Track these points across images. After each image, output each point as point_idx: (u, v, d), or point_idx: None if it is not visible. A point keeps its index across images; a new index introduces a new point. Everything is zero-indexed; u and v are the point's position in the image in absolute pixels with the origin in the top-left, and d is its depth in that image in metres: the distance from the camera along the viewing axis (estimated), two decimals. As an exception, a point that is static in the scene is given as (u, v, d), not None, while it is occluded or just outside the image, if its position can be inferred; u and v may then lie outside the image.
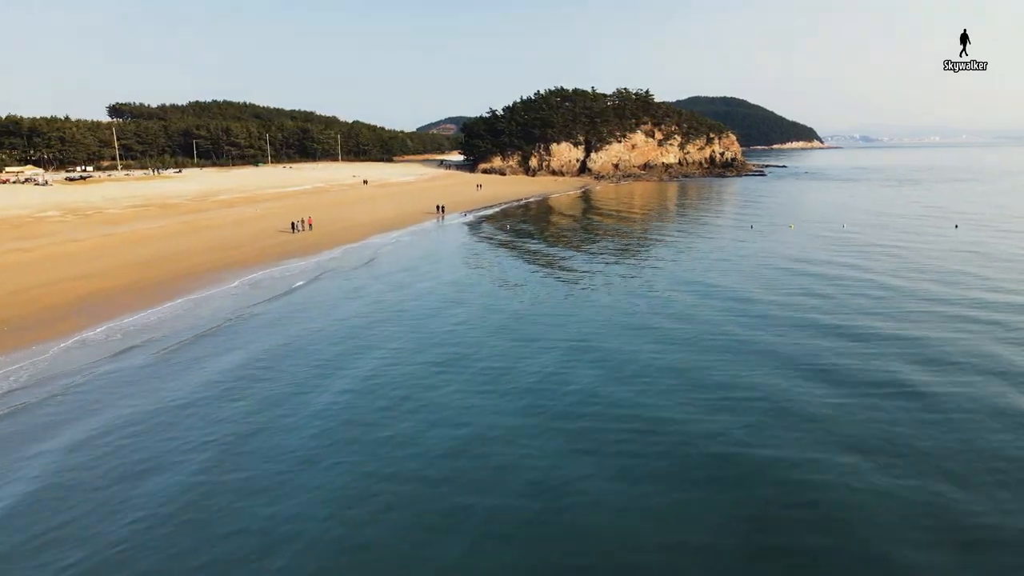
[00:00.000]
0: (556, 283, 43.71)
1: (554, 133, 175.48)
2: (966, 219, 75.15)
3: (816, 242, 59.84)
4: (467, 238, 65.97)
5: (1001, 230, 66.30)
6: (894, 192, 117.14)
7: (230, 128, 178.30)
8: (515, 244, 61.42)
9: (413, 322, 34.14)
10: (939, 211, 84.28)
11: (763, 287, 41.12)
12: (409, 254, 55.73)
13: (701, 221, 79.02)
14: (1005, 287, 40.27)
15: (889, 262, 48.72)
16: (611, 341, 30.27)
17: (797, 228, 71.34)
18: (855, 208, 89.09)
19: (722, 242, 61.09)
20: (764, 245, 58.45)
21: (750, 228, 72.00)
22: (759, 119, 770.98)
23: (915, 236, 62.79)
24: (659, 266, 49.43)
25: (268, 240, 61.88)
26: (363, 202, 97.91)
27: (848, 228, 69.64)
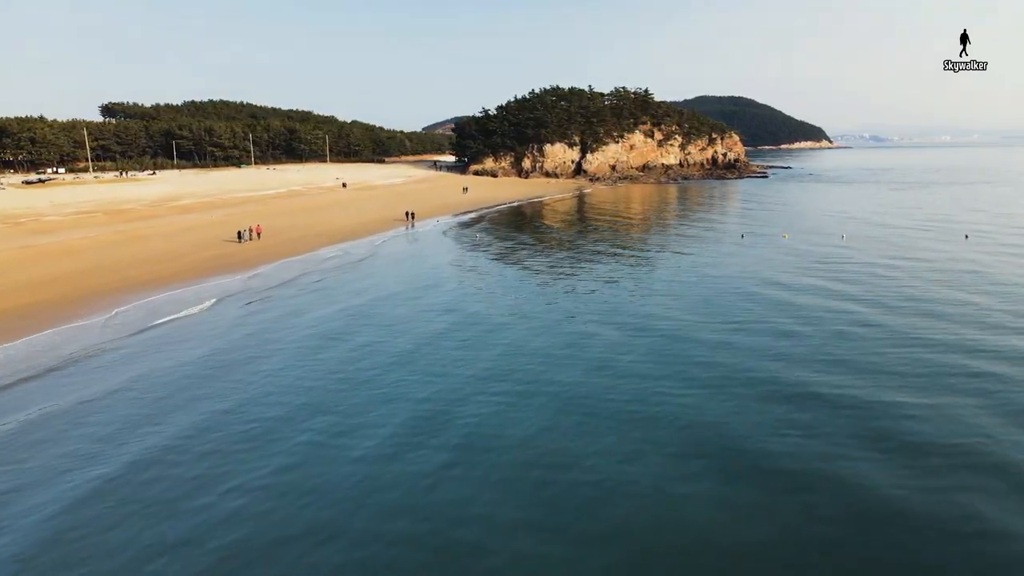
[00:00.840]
0: (497, 318, 37.81)
1: (548, 133, 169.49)
2: (977, 228, 68.80)
3: (807, 257, 53.67)
4: (428, 251, 60.12)
5: (1014, 244, 59.87)
6: (901, 196, 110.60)
7: (213, 128, 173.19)
8: (475, 264, 55.57)
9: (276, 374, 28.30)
10: (948, 218, 77.84)
11: (718, 322, 33.74)
12: (350, 273, 49.94)
13: (689, 230, 72.99)
14: (1013, 325, 33.61)
15: (886, 288, 41.99)
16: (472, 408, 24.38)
17: (791, 239, 65.20)
18: (857, 215, 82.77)
19: (702, 257, 55.01)
20: (747, 260, 52.32)
21: (740, 238, 65.99)
22: (767, 119, 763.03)
23: (919, 251, 56.48)
24: (609, 287, 43.41)
25: (206, 252, 56.38)
26: (333, 207, 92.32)
27: (847, 240, 63.43)
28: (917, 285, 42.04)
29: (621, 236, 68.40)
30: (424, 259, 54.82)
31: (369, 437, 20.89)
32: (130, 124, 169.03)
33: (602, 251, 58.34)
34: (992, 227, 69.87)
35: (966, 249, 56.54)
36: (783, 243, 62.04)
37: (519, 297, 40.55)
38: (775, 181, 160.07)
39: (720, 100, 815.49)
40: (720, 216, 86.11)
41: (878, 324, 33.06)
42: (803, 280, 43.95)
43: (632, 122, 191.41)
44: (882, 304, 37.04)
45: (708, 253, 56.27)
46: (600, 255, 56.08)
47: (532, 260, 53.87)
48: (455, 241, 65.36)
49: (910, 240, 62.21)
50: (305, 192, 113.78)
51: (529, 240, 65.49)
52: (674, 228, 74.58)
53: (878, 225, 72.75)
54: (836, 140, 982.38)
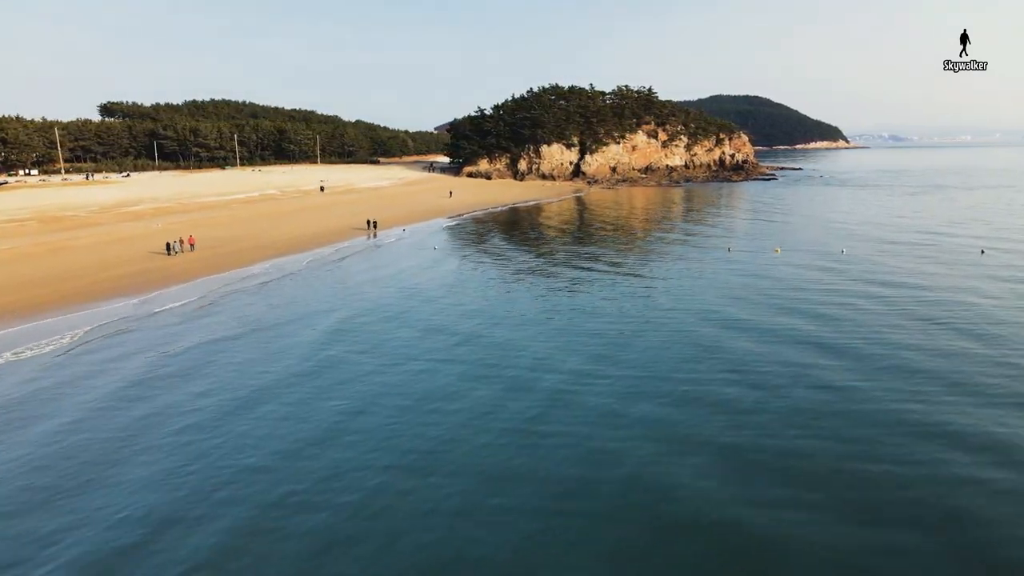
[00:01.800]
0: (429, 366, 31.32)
1: (545, 134, 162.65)
2: (996, 241, 61.40)
3: (795, 279, 46.69)
4: (369, 269, 53.69)
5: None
6: (914, 202, 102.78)
7: (198, 129, 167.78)
8: (413, 287, 49.13)
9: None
10: (963, 228, 70.32)
11: (648, 393, 25.41)
12: (253, 296, 43.63)
13: (673, 242, 66.16)
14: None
15: (876, 332, 34.47)
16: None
17: (784, 253, 58.32)
18: (864, 225, 75.44)
19: (674, 279, 48.19)
20: (720, 286, 45.36)
21: (727, 252, 59.16)
22: (782, 118, 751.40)
23: (925, 273, 49.25)
24: (547, 332, 36.79)
25: (124, 268, 50.48)
26: (299, 213, 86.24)
27: (847, 255, 56.44)
28: (914, 328, 34.77)
29: (593, 250, 61.61)
30: (356, 280, 48.37)
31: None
32: (113, 124, 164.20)
33: (560, 273, 51.63)
34: (1013, 241, 62.35)
35: (981, 270, 49.27)
36: (773, 259, 55.14)
37: (444, 338, 34.03)
38: (783, 184, 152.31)
39: (735, 99, 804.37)
40: (712, 225, 79.10)
41: (852, 393, 25.51)
42: (774, 320, 36.54)
43: (635, 122, 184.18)
44: (865, 359, 29.14)
45: (683, 275, 49.36)
46: (558, 278, 49.37)
47: (478, 280, 47.30)
48: (410, 255, 58.87)
49: (918, 257, 54.97)
50: (279, 196, 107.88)
51: (487, 254, 58.85)
52: (658, 240, 67.74)
53: (884, 237, 65.37)
54: (854, 140, 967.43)
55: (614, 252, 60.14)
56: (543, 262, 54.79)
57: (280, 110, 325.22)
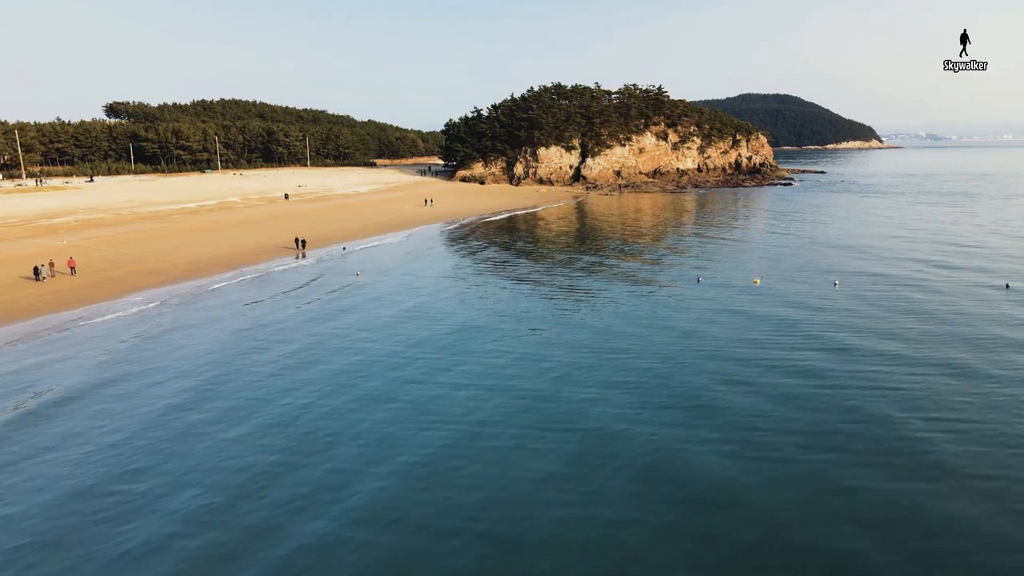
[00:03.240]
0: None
1: (542, 136, 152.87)
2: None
3: (760, 328, 36.70)
4: (268, 304, 44.83)
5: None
6: (937, 214, 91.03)
7: (180, 130, 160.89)
8: (279, 330, 40.18)
9: None
10: (988, 253, 59.19)
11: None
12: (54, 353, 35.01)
13: (643, 265, 56.44)
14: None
15: (856, 426, 25.25)
16: None
17: (765, 284, 48.41)
18: (871, 245, 64.57)
19: (618, 321, 38.49)
20: (668, 339, 35.58)
21: (697, 282, 49.32)
22: (812, 117, 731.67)
23: (933, 319, 38.90)
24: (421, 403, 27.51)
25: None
26: (237, 227, 78.08)
27: (840, 290, 46.34)
28: (912, 414, 24.95)
29: (539, 278, 52.02)
30: (220, 328, 39.48)
31: None
32: (93, 125, 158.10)
33: (485, 309, 42.18)
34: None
35: (1003, 312, 38.80)
36: (748, 293, 45.31)
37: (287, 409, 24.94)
38: (798, 190, 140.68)
39: (764, 98, 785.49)
40: (697, 243, 68.99)
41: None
42: (721, 399, 27.08)
43: (642, 122, 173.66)
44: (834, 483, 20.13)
45: (628, 315, 39.59)
46: (478, 314, 39.95)
47: (361, 330, 38.11)
48: (321, 286, 49.91)
49: (926, 292, 44.55)
50: (238, 205, 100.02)
51: (422, 278, 49.56)
52: (625, 262, 57.92)
53: (889, 265, 54.62)
54: (889, 139, 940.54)
55: (578, 281, 50.49)
56: (488, 300, 45.43)
57: (290, 109, 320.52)
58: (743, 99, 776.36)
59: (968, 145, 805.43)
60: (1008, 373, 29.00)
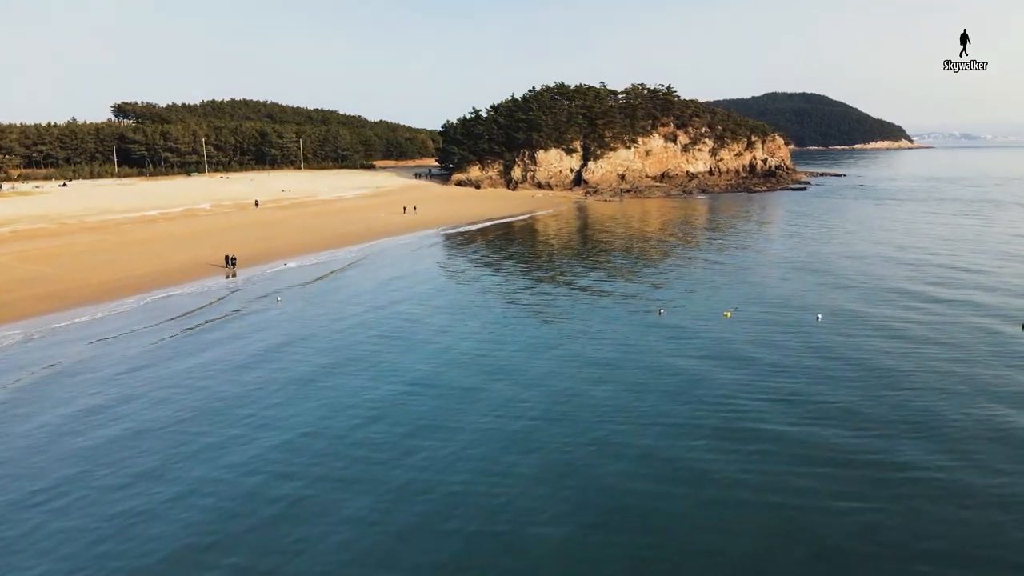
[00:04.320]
0: None
1: (541, 138, 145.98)
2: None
3: (717, 383, 29.86)
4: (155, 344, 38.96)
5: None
6: (956, 226, 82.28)
7: (168, 132, 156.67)
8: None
9: None
10: (1005, 281, 51.17)
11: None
12: None
13: (604, 289, 49.74)
14: None
15: (838, 506, 18.61)
16: None
17: (737, 317, 41.57)
18: (866, 270, 56.73)
19: (543, 375, 31.91)
20: (601, 388, 29.00)
21: (658, 315, 42.51)
22: (840, 117, 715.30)
23: (929, 365, 31.77)
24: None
25: None
26: (184, 239, 72.70)
27: (821, 325, 39.37)
28: (895, 505, 18.13)
29: (489, 310, 45.52)
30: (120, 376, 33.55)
31: None
32: (79, 127, 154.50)
33: (439, 338, 35.77)
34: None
35: (1018, 366, 31.50)
36: (713, 329, 38.64)
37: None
38: (811, 196, 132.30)
39: (791, 97, 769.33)
40: (673, 263, 61.97)
41: None
42: (629, 493, 20.51)
43: (650, 124, 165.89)
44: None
45: (558, 366, 32.93)
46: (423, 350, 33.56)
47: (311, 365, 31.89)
48: (212, 312, 43.93)
49: (925, 330, 37.33)
50: (205, 212, 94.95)
51: (350, 305, 43.28)
52: (579, 291, 51.14)
53: (884, 296, 46.89)
54: (921, 139, 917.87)
55: (485, 309, 43.93)
56: (401, 341, 39.05)
57: (300, 110, 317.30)
58: (768, 98, 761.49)
59: (1003, 145, 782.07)
60: (1010, 449, 21.93)
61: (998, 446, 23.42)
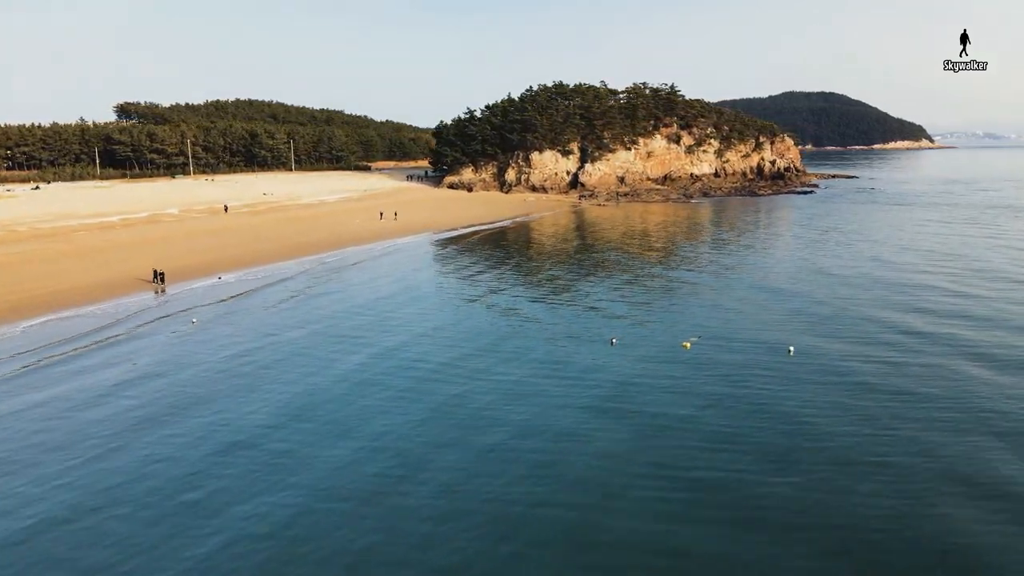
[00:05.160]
0: None
1: (536, 139, 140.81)
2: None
3: (661, 433, 24.73)
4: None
5: None
6: (964, 241, 75.04)
7: (154, 133, 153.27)
8: None
9: None
10: (1010, 307, 45.08)
11: None
12: None
13: (549, 319, 44.71)
14: None
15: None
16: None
17: (699, 347, 36.57)
18: (855, 292, 50.70)
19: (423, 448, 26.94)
20: (533, 437, 24.00)
21: (609, 345, 37.45)
22: (858, 116, 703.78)
23: (928, 423, 26.44)
24: None
25: None
26: (132, 248, 68.53)
27: (794, 359, 34.25)
28: None
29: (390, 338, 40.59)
30: None
31: None
32: (64, 128, 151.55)
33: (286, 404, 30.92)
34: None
35: (1017, 414, 26.14)
36: (668, 365, 33.54)
37: None
38: (816, 201, 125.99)
39: (809, 96, 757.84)
40: (646, 279, 56.67)
41: None
42: None
43: (652, 124, 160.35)
44: None
45: (480, 413, 27.93)
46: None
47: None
48: (94, 336, 39.41)
49: (914, 364, 31.87)
50: (171, 218, 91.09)
51: (276, 331, 38.52)
52: (527, 315, 46.09)
53: (869, 325, 41.09)
54: (943, 138, 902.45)
55: (413, 341, 38.97)
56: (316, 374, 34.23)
57: (304, 110, 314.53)
58: (786, 97, 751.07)
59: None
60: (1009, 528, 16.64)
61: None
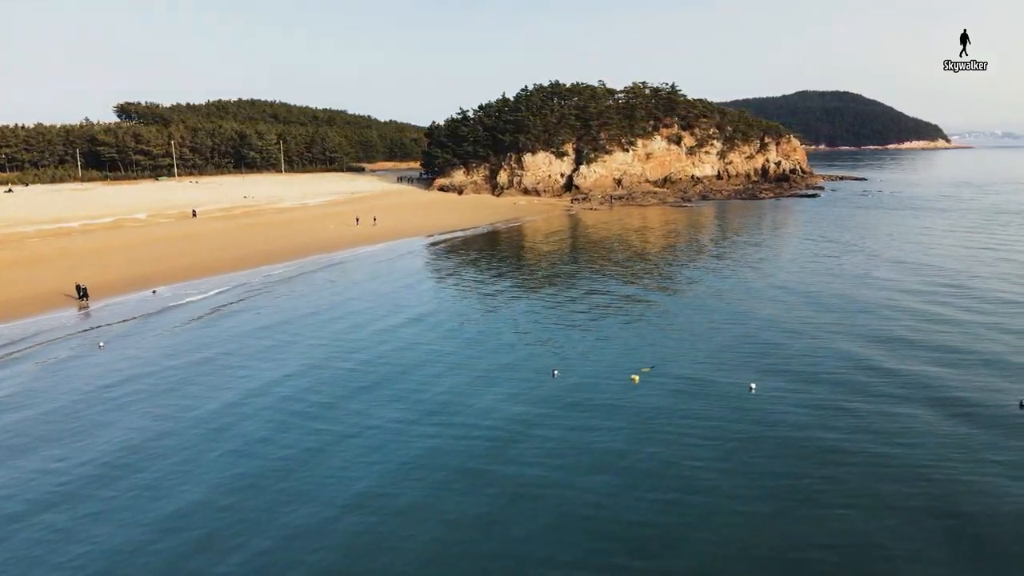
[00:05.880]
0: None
1: (528, 141, 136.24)
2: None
3: (587, 495, 20.31)
4: None
5: None
6: (965, 253, 69.44)
7: (140, 134, 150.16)
8: None
9: None
10: (1004, 340, 39.64)
11: None
12: None
13: (503, 342, 40.32)
14: None
15: None
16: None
17: (651, 379, 32.34)
18: (844, 316, 45.72)
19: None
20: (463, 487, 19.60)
21: (551, 377, 33.11)
22: (873, 115, 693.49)
23: (884, 474, 21.88)
24: None
25: None
26: (81, 256, 64.95)
27: (755, 397, 29.92)
28: None
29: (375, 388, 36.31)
30: None
31: None
32: (48, 130, 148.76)
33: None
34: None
35: (1002, 463, 21.57)
36: (611, 402, 29.24)
37: None
38: (818, 205, 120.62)
39: (823, 96, 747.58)
40: (608, 296, 52.13)
41: None
42: None
43: (651, 124, 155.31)
44: None
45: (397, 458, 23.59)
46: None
47: None
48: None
49: (891, 404, 27.18)
50: (136, 223, 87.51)
51: (200, 363, 34.50)
52: (475, 335, 41.74)
53: (844, 361, 36.16)
54: (961, 138, 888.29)
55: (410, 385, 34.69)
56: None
57: (307, 109, 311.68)
58: (799, 96, 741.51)
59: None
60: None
61: None
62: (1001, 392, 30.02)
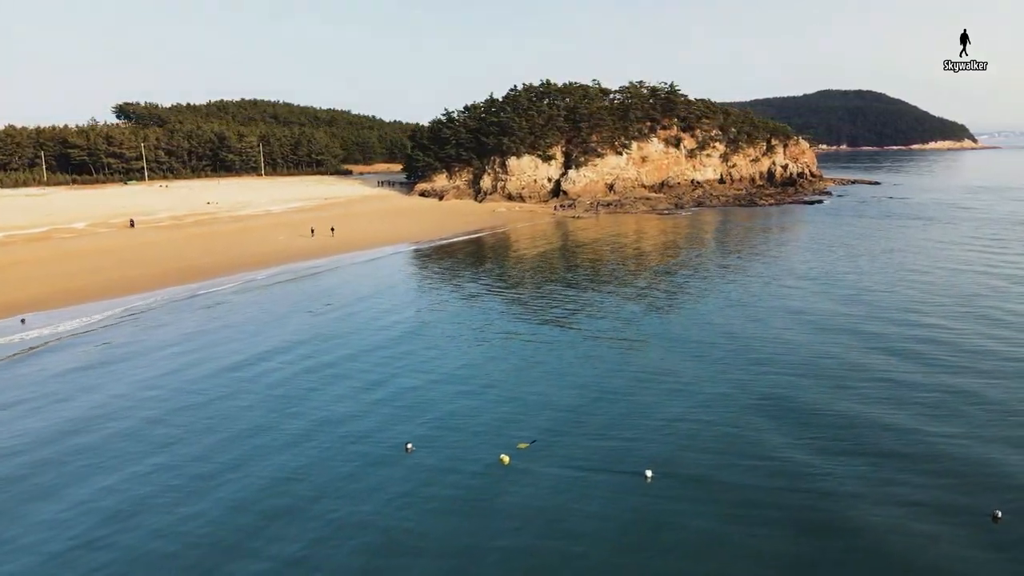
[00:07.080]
0: None
1: (513, 143, 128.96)
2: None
3: None
4: None
5: None
6: (975, 279, 60.70)
7: (112, 137, 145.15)
8: None
9: None
10: (987, 389, 32.10)
11: None
12: None
13: (359, 411, 33.40)
14: None
15: None
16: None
17: (524, 460, 25.72)
18: (789, 367, 38.08)
19: None
20: None
21: (404, 452, 26.27)
22: (896, 115, 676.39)
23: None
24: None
25: None
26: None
27: (651, 488, 22.82)
28: None
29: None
30: None
31: None
32: (19, 132, 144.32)
33: None
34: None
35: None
36: (474, 488, 22.27)
37: None
38: (821, 213, 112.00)
39: (845, 95, 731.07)
40: (519, 348, 44.92)
41: None
42: None
43: (648, 126, 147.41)
44: None
45: None
46: None
47: None
48: None
49: (823, 498, 19.74)
50: (70, 234, 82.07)
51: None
52: (339, 400, 34.82)
53: (784, 440, 28.57)
54: (989, 137, 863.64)
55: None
56: None
57: (309, 109, 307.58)
58: (821, 96, 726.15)
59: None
60: None
61: None
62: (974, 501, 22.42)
